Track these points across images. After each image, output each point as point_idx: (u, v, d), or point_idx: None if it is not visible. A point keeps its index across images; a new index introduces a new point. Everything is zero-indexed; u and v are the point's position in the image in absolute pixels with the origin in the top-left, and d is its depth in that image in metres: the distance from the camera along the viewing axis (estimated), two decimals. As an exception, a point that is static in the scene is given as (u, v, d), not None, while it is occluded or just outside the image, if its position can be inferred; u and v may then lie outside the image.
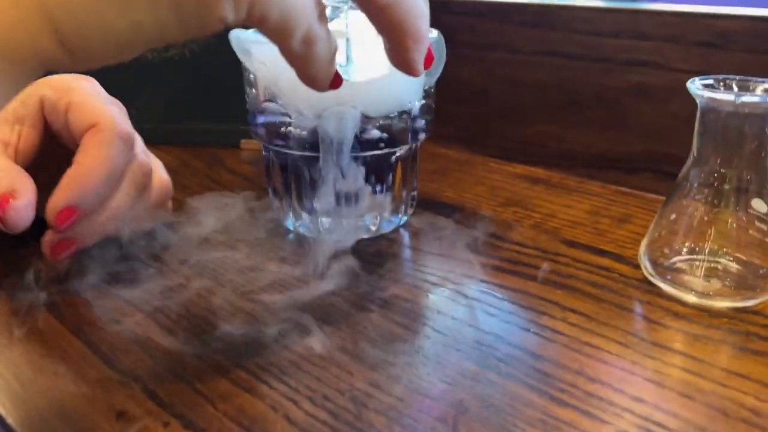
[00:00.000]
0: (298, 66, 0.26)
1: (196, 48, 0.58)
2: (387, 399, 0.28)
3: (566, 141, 0.53)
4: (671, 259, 0.36)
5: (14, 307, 0.35)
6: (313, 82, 0.27)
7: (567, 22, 0.50)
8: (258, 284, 0.37)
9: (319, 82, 0.27)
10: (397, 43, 0.26)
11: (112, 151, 0.36)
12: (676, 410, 0.27)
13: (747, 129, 0.32)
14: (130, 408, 0.27)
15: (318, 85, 0.27)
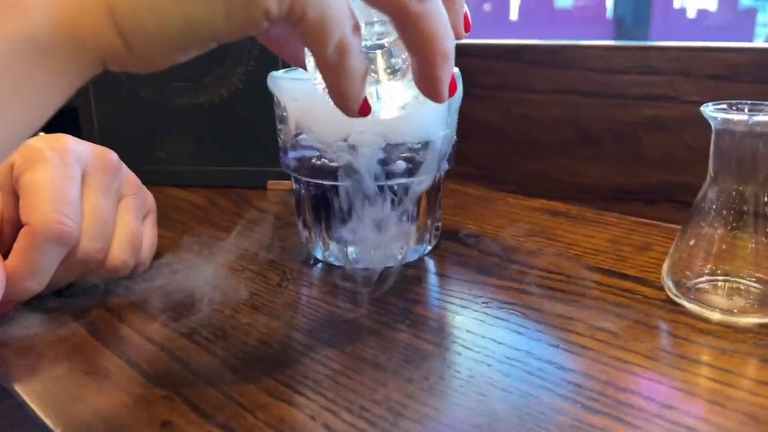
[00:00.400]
0: (330, 78, 0.27)
1: (225, 94, 0.61)
2: (422, 409, 0.29)
3: (583, 175, 0.54)
4: (693, 280, 0.37)
5: (56, 328, 0.36)
6: (344, 100, 0.28)
7: (580, 61, 0.52)
8: (290, 307, 0.38)
9: (350, 100, 0.28)
10: (426, 59, 0.28)
11: (38, 256, 0.35)
12: (707, 416, 0.28)
13: (761, 148, 0.33)
14: (173, 418, 0.28)
15: (348, 104, 0.28)
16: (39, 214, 0.35)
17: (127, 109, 0.63)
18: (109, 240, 0.39)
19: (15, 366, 0.33)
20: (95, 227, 0.38)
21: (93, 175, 0.39)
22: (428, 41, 0.27)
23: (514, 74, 0.57)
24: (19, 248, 0.35)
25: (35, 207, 0.35)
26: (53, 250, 0.36)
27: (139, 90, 0.62)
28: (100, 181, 0.39)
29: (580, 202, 0.54)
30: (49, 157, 0.37)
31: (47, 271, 0.36)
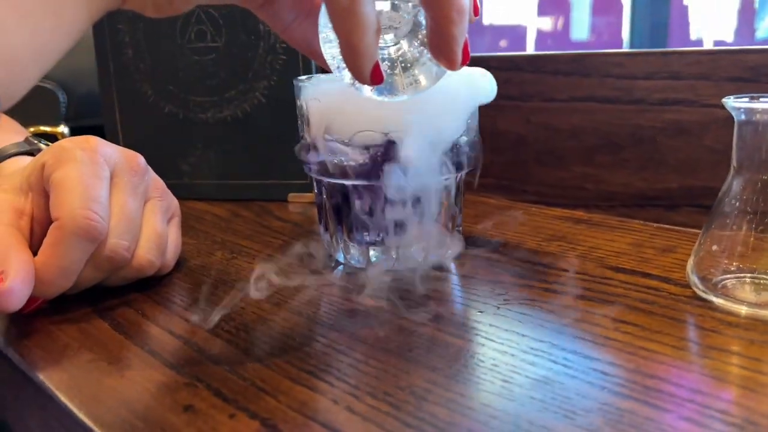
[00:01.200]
0: (342, 28, 0.27)
1: (248, 108, 0.62)
2: (446, 394, 0.28)
3: (605, 182, 0.54)
4: (719, 276, 0.36)
5: (80, 323, 0.36)
6: (356, 57, 0.28)
7: (600, 68, 0.53)
8: (312, 304, 0.38)
9: (361, 56, 0.28)
10: (442, 15, 0.28)
11: (67, 251, 0.35)
12: (738, 400, 0.27)
13: (785, 136, 0.33)
14: (195, 403, 0.28)
15: (360, 62, 0.28)
16: (68, 210, 0.36)
17: (151, 124, 0.64)
18: (136, 239, 0.39)
19: (38, 356, 0.33)
20: (123, 225, 0.38)
21: (121, 176, 0.40)
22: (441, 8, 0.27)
23: (535, 84, 0.57)
24: (49, 243, 0.36)
25: (65, 203, 0.36)
26: (81, 245, 0.36)
27: (164, 105, 0.64)
28: (127, 182, 0.40)
29: (602, 210, 0.54)
30: (79, 157, 0.38)
31: (75, 267, 0.36)
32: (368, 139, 0.40)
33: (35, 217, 0.38)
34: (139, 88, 0.64)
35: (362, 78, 0.29)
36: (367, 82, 0.29)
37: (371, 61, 0.28)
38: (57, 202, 0.36)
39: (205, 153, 0.64)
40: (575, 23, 2.74)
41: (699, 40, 2.49)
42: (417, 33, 0.33)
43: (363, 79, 0.29)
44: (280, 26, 0.34)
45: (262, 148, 0.62)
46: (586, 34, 2.76)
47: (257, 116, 0.62)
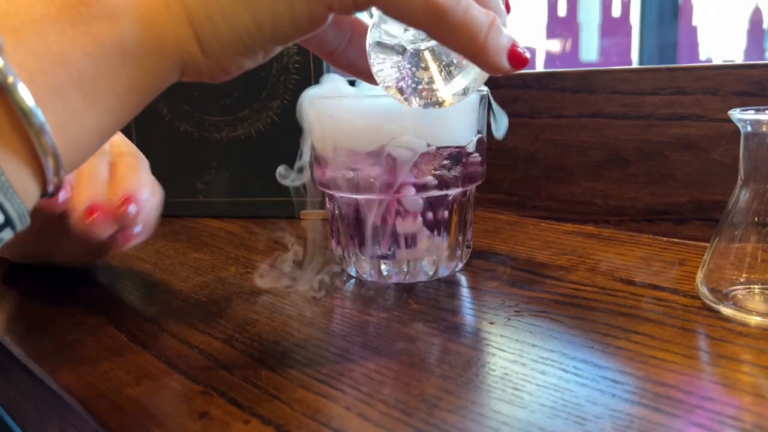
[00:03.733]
0: (460, 40, 0.28)
1: (262, 127, 0.63)
2: (458, 401, 0.29)
3: (614, 197, 0.54)
4: (729, 287, 0.37)
5: (97, 335, 0.37)
6: (486, 57, 0.28)
7: (607, 85, 0.53)
8: (325, 316, 0.39)
9: (491, 55, 0.28)
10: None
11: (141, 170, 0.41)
12: (749, 407, 0.27)
13: (790, 147, 0.33)
14: (211, 410, 0.29)
15: (493, 59, 0.29)
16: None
17: (167, 143, 0.65)
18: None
19: (57, 366, 0.34)
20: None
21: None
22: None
23: (543, 101, 0.58)
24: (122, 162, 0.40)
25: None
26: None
27: (179, 125, 0.65)
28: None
29: (612, 225, 0.55)
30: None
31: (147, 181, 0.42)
32: (379, 153, 0.40)
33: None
34: (155, 107, 0.65)
35: (504, 69, 0.30)
36: (509, 70, 0.30)
37: (503, 52, 0.29)
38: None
39: (219, 171, 0.65)
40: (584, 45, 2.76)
41: (708, 60, 2.50)
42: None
43: (505, 70, 0.30)
44: (325, 54, 0.36)
45: (275, 166, 0.63)
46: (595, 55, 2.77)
47: (271, 135, 0.63)
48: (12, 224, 0.23)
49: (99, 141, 0.26)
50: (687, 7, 2.42)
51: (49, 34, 0.23)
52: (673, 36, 2.26)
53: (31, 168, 0.24)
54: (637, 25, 2.39)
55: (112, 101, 0.25)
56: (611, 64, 2.72)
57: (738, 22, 2.47)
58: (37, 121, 0.23)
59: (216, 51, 0.27)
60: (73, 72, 0.24)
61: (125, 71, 0.25)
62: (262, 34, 0.27)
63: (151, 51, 0.26)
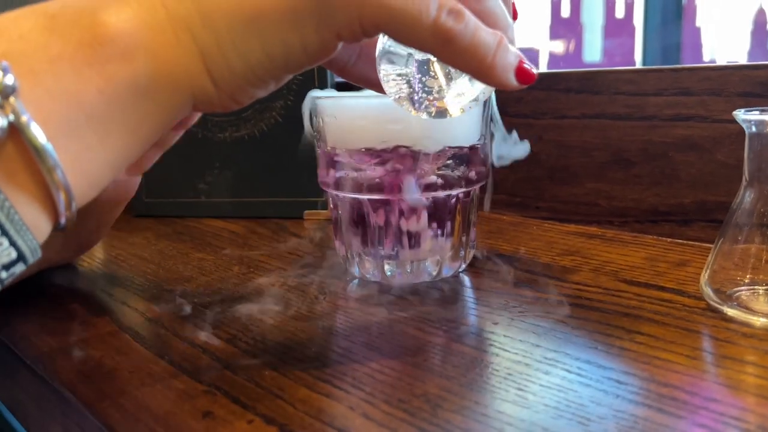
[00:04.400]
0: (470, 62, 0.28)
1: (265, 127, 0.63)
2: (461, 402, 0.29)
3: (617, 198, 0.54)
4: (733, 288, 0.36)
5: (102, 335, 0.37)
6: (494, 75, 0.28)
7: (610, 85, 0.53)
8: (328, 316, 0.39)
9: (499, 73, 0.28)
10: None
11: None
12: (753, 408, 0.27)
13: (795, 148, 0.33)
14: (214, 409, 0.29)
15: (501, 77, 0.29)
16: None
17: (170, 143, 0.65)
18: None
19: (60, 366, 0.34)
20: None
21: None
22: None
23: (546, 102, 0.58)
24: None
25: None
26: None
27: (183, 125, 0.65)
28: None
29: (615, 226, 0.54)
30: None
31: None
32: (382, 153, 0.40)
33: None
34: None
35: (511, 86, 0.30)
36: (517, 87, 0.30)
37: (510, 69, 0.29)
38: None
39: (222, 171, 0.65)
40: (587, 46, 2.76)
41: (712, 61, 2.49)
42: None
43: (512, 87, 0.30)
44: (336, 68, 0.36)
45: (278, 167, 0.63)
46: (598, 56, 2.77)
47: (274, 135, 0.63)
48: (24, 259, 0.24)
49: (111, 174, 0.27)
50: (690, 7, 2.42)
51: (64, 73, 0.24)
52: (677, 37, 2.25)
53: (44, 205, 0.24)
54: (641, 26, 2.39)
55: (124, 137, 0.26)
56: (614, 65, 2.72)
57: (742, 23, 2.47)
58: (49, 158, 0.23)
59: (228, 84, 0.27)
60: (87, 109, 0.24)
61: (138, 107, 0.26)
62: (274, 64, 0.27)
63: (163, 87, 0.26)
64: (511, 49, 0.29)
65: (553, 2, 2.71)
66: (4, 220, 0.23)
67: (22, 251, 0.24)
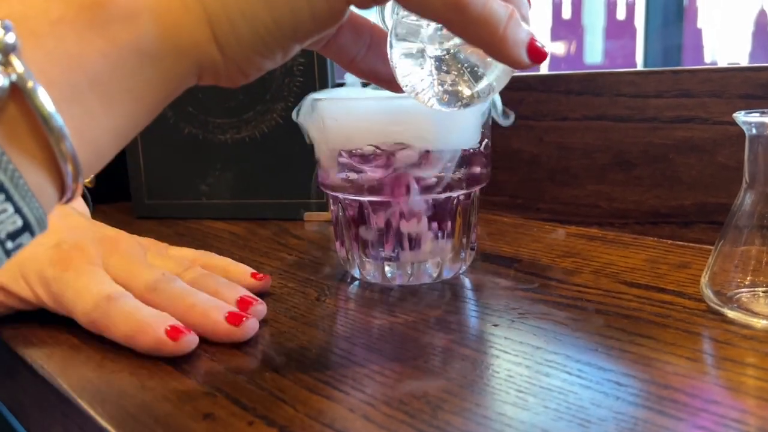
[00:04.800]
0: (480, 34, 0.28)
1: (266, 129, 0.63)
2: (462, 403, 0.29)
3: (618, 200, 0.54)
4: (733, 290, 0.36)
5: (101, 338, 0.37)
6: (506, 50, 0.28)
7: (611, 87, 0.53)
8: (329, 318, 0.39)
9: (509, 42, 0.28)
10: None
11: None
12: (753, 410, 0.27)
13: (795, 150, 0.33)
14: (215, 411, 0.29)
15: (512, 52, 0.29)
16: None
17: (172, 145, 0.66)
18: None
19: (62, 367, 0.34)
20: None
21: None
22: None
23: (547, 103, 0.58)
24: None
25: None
26: None
27: (184, 127, 0.65)
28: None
29: (616, 227, 0.54)
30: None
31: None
32: (383, 155, 0.40)
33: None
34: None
35: (523, 63, 0.29)
36: (529, 64, 0.30)
37: (522, 45, 0.29)
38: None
39: (223, 173, 0.65)
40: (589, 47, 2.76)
41: (714, 63, 2.49)
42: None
43: (524, 64, 0.30)
44: (345, 61, 0.36)
45: (279, 168, 0.63)
46: (600, 58, 2.77)
47: (275, 137, 0.63)
48: (30, 229, 0.23)
49: (116, 145, 0.26)
50: (692, 9, 2.42)
51: (66, 36, 0.23)
52: (678, 38, 2.25)
53: (50, 173, 0.23)
54: (642, 27, 2.39)
55: (128, 103, 0.25)
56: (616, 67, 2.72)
57: (743, 25, 2.47)
58: (56, 126, 0.22)
59: (235, 51, 0.27)
60: (90, 74, 0.24)
61: (142, 72, 0.25)
62: (282, 31, 0.26)
63: (168, 52, 0.26)
64: (522, 24, 0.29)
65: (555, 4, 2.71)
66: (8, 184, 0.21)
67: (28, 219, 0.23)
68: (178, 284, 0.38)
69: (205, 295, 0.38)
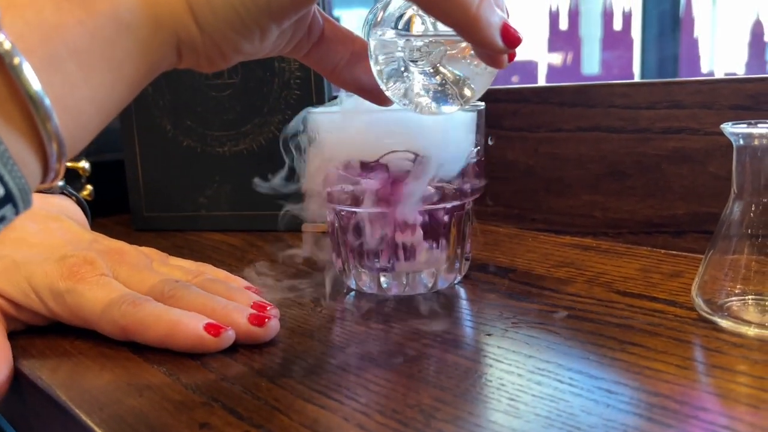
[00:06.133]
0: (449, 12, 0.28)
1: (263, 141, 0.64)
2: (454, 412, 0.29)
3: (612, 210, 0.55)
4: (723, 299, 0.37)
5: (101, 347, 0.38)
6: (477, 31, 0.29)
7: (604, 99, 0.54)
8: (324, 328, 0.39)
9: (482, 22, 0.29)
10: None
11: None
12: (742, 416, 0.27)
13: (782, 160, 0.34)
14: (211, 420, 0.29)
15: (483, 34, 0.29)
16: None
17: (170, 158, 0.66)
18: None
19: (61, 378, 0.34)
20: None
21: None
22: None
23: (542, 115, 0.59)
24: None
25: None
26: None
27: (182, 140, 0.66)
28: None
29: (610, 237, 0.55)
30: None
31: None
32: (377, 166, 0.41)
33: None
34: (158, 123, 0.66)
35: (498, 47, 0.30)
36: (503, 49, 0.30)
37: (496, 27, 0.29)
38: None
39: (221, 185, 0.65)
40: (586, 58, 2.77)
41: (710, 73, 2.50)
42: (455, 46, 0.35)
43: (499, 48, 0.30)
44: (327, 70, 0.36)
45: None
46: (597, 68, 2.78)
47: (272, 149, 0.63)
48: (13, 200, 0.23)
49: (99, 118, 0.26)
50: (688, 19, 2.43)
51: (45, 7, 0.24)
52: (675, 49, 2.26)
53: (34, 148, 0.23)
54: (639, 38, 2.40)
55: (108, 73, 0.25)
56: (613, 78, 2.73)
57: (739, 35, 2.48)
58: (42, 105, 0.22)
59: (211, 25, 0.27)
60: (69, 42, 0.24)
61: (120, 42, 0.25)
62: (257, 4, 0.27)
63: (145, 22, 0.26)
64: (496, 9, 0.30)
65: (552, 15, 2.73)
66: None
67: (10, 189, 0.22)
68: (194, 290, 0.39)
69: (223, 299, 0.38)
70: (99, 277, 0.38)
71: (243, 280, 0.44)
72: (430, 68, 0.35)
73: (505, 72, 0.81)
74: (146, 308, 0.36)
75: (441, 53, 0.35)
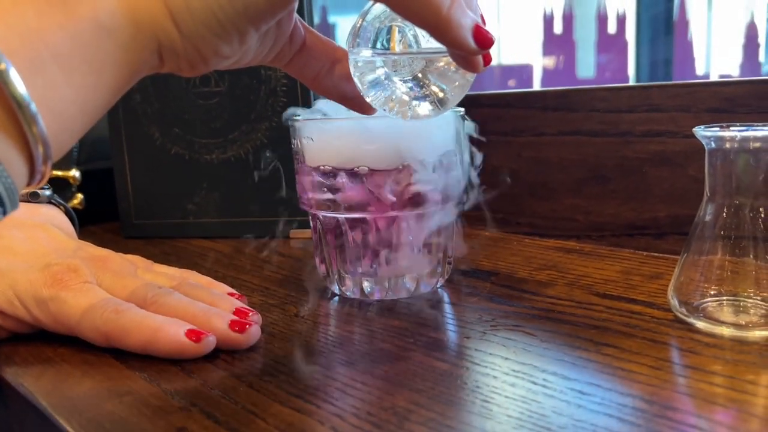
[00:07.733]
0: (420, 11, 0.29)
1: (251, 149, 0.64)
2: (428, 413, 0.29)
3: (594, 213, 0.55)
4: (699, 300, 0.37)
5: (83, 353, 0.38)
6: (449, 29, 0.29)
7: (585, 103, 0.55)
8: (306, 333, 0.40)
9: (453, 23, 0.29)
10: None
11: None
12: (709, 415, 0.28)
13: (751, 162, 0.34)
14: (189, 425, 0.30)
15: (455, 34, 0.29)
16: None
17: (158, 165, 0.67)
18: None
19: (42, 384, 0.35)
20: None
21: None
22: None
23: (525, 120, 0.59)
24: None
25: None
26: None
27: (170, 147, 0.66)
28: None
29: (593, 240, 0.55)
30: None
31: None
32: (358, 172, 0.41)
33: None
34: (146, 131, 0.67)
35: (470, 48, 0.30)
36: (476, 50, 0.31)
37: (467, 28, 0.30)
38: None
39: (209, 192, 0.66)
40: (580, 61, 2.78)
41: (705, 75, 2.51)
42: (432, 60, 0.36)
43: (472, 49, 0.30)
44: (309, 79, 0.37)
45: (262, 188, 0.65)
46: (592, 71, 2.79)
47: (260, 156, 0.64)
48: (1, 200, 0.23)
49: (82, 120, 0.26)
50: (682, 22, 2.44)
51: (26, 12, 0.24)
52: (669, 51, 2.27)
53: (20, 150, 0.24)
54: (633, 41, 2.41)
55: (89, 75, 0.26)
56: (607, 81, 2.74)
57: (733, 37, 2.49)
58: (28, 109, 0.23)
59: (190, 28, 0.27)
60: (51, 46, 0.24)
61: (101, 45, 0.26)
62: (234, 7, 0.27)
63: (126, 26, 0.26)
64: (468, 11, 0.30)
65: (546, 19, 2.74)
66: None
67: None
68: (177, 296, 0.39)
69: (204, 305, 0.39)
70: (82, 285, 0.39)
71: (226, 287, 0.44)
72: (411, 77, 0.36)
73: (500, 76, 0.82)
74: (128, 315, 0.37)
75: (421, 63, 0.36)
